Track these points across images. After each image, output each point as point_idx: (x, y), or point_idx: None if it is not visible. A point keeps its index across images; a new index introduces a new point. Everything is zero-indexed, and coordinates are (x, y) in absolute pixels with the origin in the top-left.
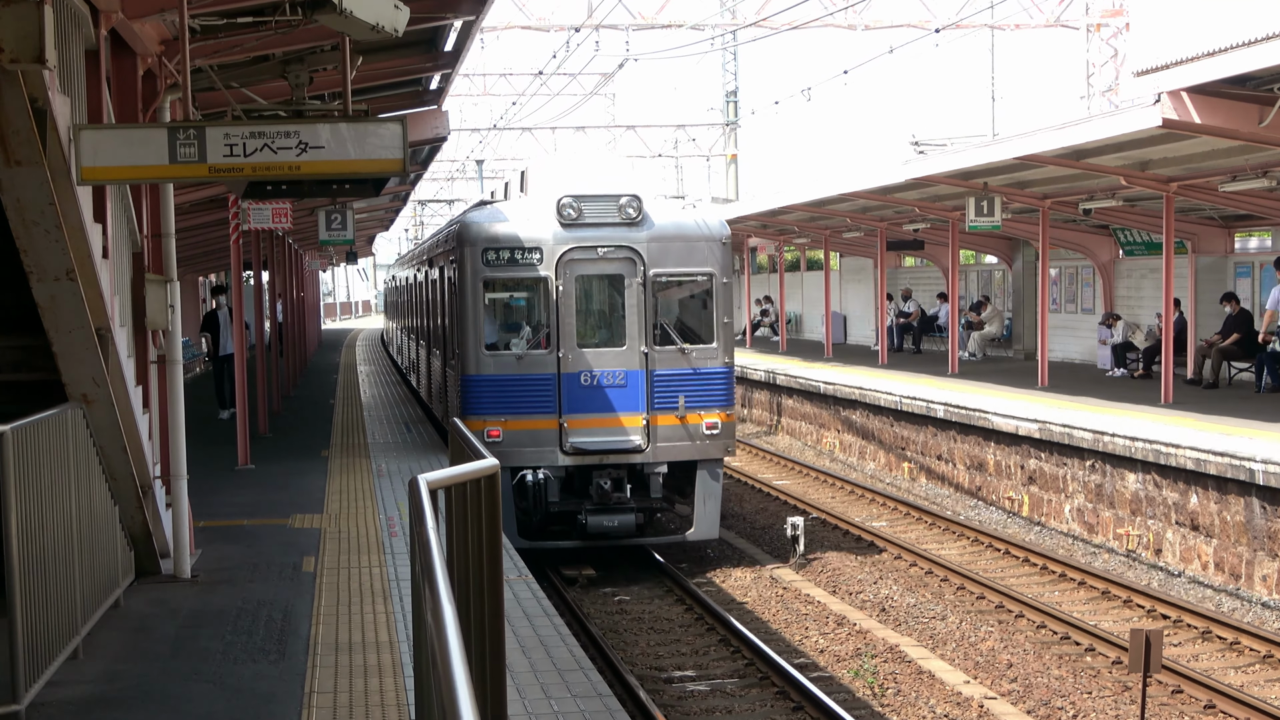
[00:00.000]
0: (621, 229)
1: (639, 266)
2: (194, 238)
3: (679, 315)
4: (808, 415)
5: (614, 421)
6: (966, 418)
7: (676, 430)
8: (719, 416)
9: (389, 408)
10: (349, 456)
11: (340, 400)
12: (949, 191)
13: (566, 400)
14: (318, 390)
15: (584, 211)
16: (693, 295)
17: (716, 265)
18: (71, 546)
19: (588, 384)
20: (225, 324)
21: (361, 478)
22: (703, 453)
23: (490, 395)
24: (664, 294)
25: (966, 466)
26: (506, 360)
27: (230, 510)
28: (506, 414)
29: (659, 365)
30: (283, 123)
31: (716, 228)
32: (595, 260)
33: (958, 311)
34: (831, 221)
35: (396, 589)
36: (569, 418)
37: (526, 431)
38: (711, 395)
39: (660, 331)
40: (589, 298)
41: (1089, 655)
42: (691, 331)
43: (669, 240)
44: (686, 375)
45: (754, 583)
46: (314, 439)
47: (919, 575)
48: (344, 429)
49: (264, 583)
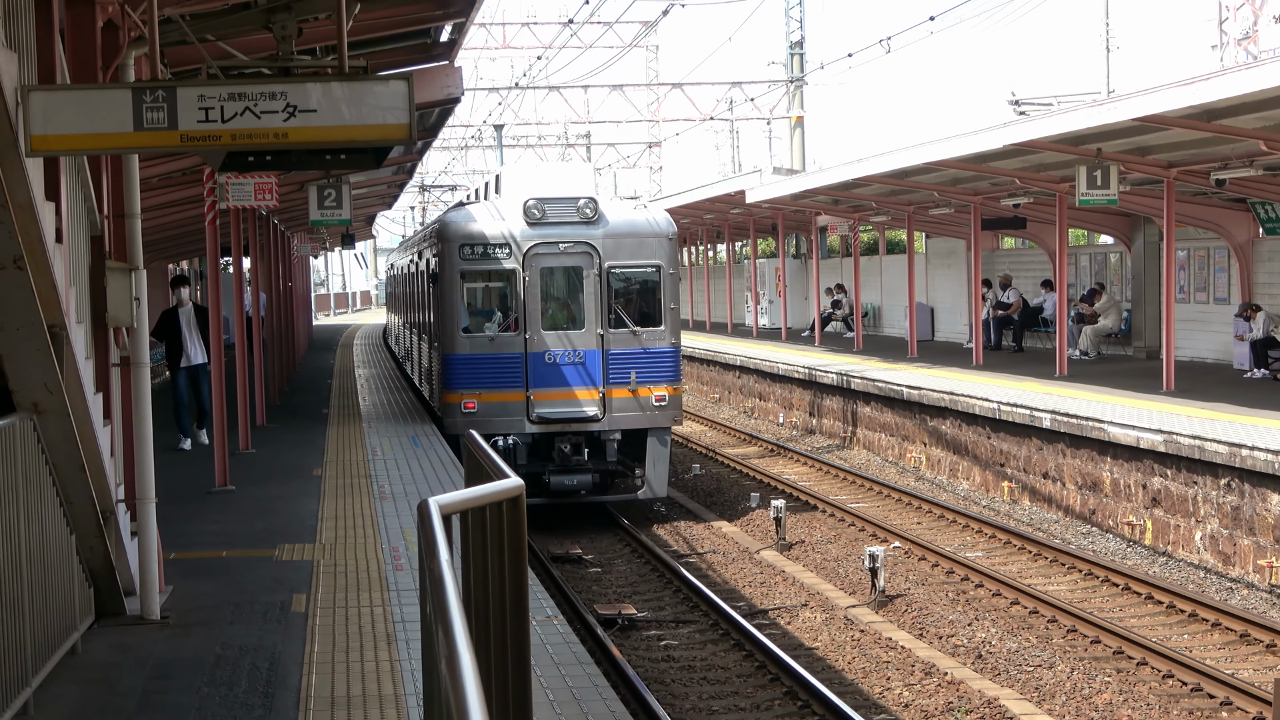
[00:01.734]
0: (580, 227)
1: (595, 259)
2: (163, 218)
3: (631, 302)
4: (888, 426)
5: (574, 394)
6: (1078, 428)
7: (629, 402)
8: (667, 390)
9: (393, 418)
10: (346, 476)
11: (335, 409)
12: (1055, 159)
13: (533, 376)
14: (308, 398)
15: (547, 212)
16: (644, 284)
17: (664, 258)
18: (20, 583)
19: (551, 362)
20: (188, 325)
21: (361, 501)
22: (652, 421)
23: (467, 372)
24: (618, 283)
25: (1078, 486)
26: (481, 341)
27: (206, 540)
28: (481, 388)
29: (613, 345)
30: (267, 82)
31: (664, 225)
32: (557, 254)
33: (1066, 302)
34: (916, 196)
35: (403, 633)
36: (535, 391)
37: (498, 403)
38: (660, 371)
39: (614, 316)
40: (552, 287)
41: (1225, 710)
42: (643, 316)
43: (622, 237)
44: (638, 354)
45: (825, 625)
46: (304, 455)
47: (1022, 615)
48: (340, 443)
49: (246, 625)
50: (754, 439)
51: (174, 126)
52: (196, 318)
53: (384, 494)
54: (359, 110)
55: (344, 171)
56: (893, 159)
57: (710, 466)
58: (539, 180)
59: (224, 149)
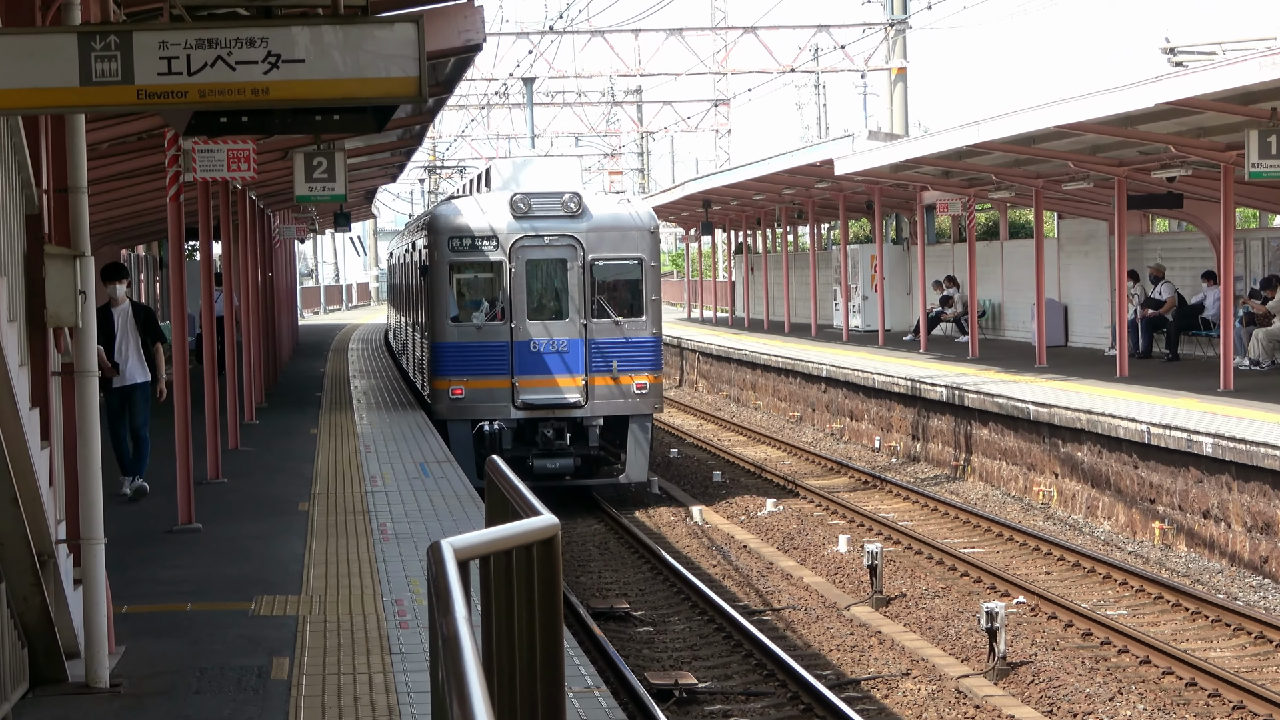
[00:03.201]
0: (565, 220)
1: (579, 252)
2: (116, 193)
3: (614, 293)
4: (1010, 452)
5: (557, 382)
6: (1248, 456)
7: (611, 389)
8: (647, 378)
9: (396, 440)
10: (339, 511)
11: (325, 429)
12: (1220, 122)
13: (518, 364)
14: (292, 415)
15: (533, 206)
16: (626, 276)
17: (646, 251)
18: None
19: (536, 350)
20: (124, 331)
21: (357, 542)
22: (634, 409)
23: (455, 359)
24: (601, 275)
25: (1247, 528)
26: (468, 330)
27: (167, 590)
28: (468, 375)
29: (596, 335)
30: (243, 25)
31: (646, 219)
32: (543, 246)
33: (1233, 299)
34: (1046, 167)
35: (408, 705)
36: (520, 378)
37: (484, 390)
38: (641, 360)
39: (597, 306)
40: (537, 278)
41: None
42: (625, 306)
43: (605, 230)
44: (619, 343)
45: (931, 699)
46: (287, 486)
47: (1175, 688)
48: (331, 471)
49: (215, 695)
50: (844, 467)
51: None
52: (136, 321)
53: (385, 534)
54: (357, 60)
55: (338, 136)
56: (1017, 121)
57: (790, 501)
58: (527, 174)
59: (190, 108)
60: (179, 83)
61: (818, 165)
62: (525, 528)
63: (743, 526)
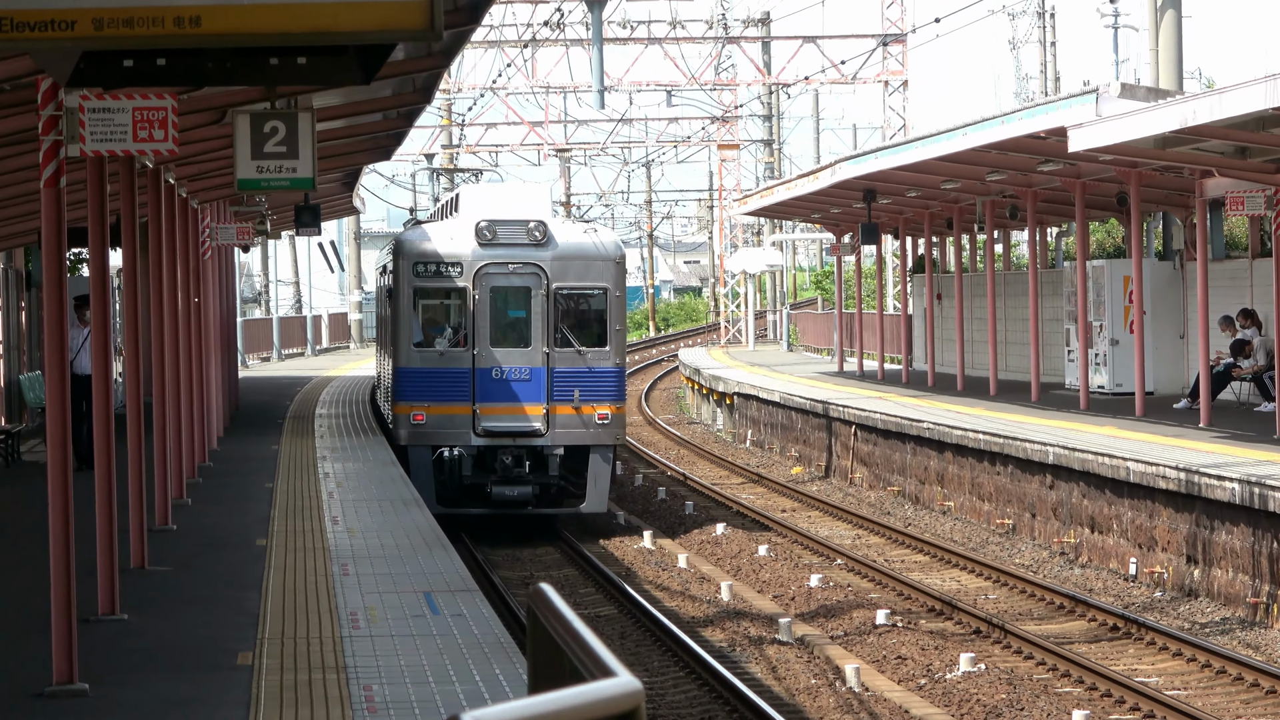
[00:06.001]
0: (529, 249)
1: (543, 280)
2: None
3: (577, 322)
4: None
5: (519, 409)
6: None
7: (573, 419)
8: (610, 409)
9: (390, 558)
10: (299, 668)
11: (280, 542)
12: None
13: (480, 390)
14: (226, 517)
15: (498, 233)
16: (590, 306)
17: (611, 281)
18: None
19: (498, 377)
20: None
21: (329, 711)
22: (595, 439)
23: (417, 384)
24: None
25: None
26: (431, 355)
27: None
28: (430, 400)
29: (558, 364)
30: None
31: (612, 249)
32: (507, 274)
33: None
34: None
35: None
36: (481, 405)
37: (446, 415)
38: (604, 390)
39: (560, 335)
40: (501, 306)
41: None
42: (588, 336)
43: (570, 259)
44: (582, 373)
45: None
46: (220, 625)
47: None
48: (289, 604)
49: None
50: (1081, 605)
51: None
52: None
53: (371, 703)
54: None
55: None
56: None
57: (996, 656)
58: (493, 201)
59: (78, 45)
60: (59, 7)
61: (1042, 137)
62: (592, 695)
63: (922, 695)
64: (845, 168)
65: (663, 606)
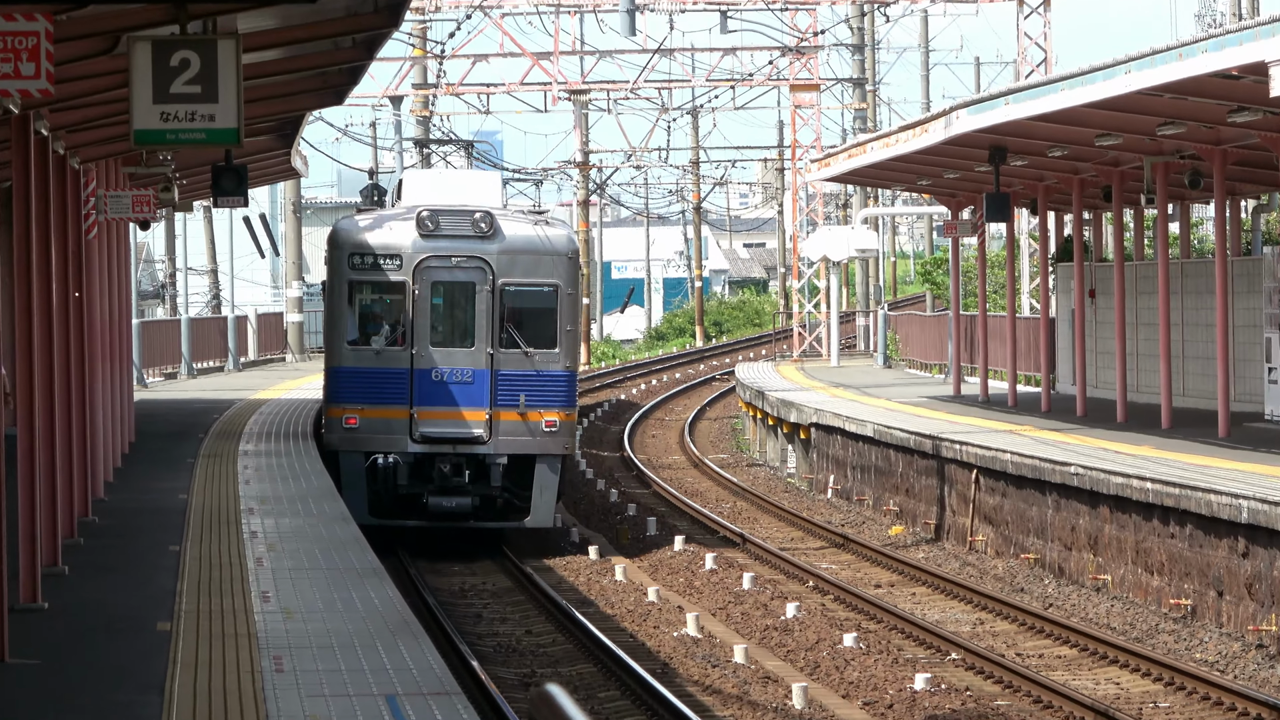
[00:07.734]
0: (474, 241)
1: (489, 276)
2: None
3: (525, 322)
4: None
5: (459, 414)
6: None
7: (518, 425)
8: (558, 416)
9: (342, 646)
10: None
11: (191, 618)
12: None
13: (418, 393)
14: (118, 593)
15: (441, 224)
16: (539, 304)
17: (562, 278)
18: None
19: (438, 379)
20: None
21: None
22: (542, 447)
23: (351, 385)
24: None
25: None
26: (366, 354)
27: None
28: (364, 403)
29: (503, 366)
30: None
31: (564, 244)
32: (449, 268)
33: None
34: None
35: None
36: (419, 409)
37: (381, 419)
38: (552, 396)
39: (506, 335)
40: (442, 302)
41: None
42: (537, 337)
43: (518, 253)
44: (529, 376)
45: None
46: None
47: None
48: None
49: None
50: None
51: None
52: None
53: None
54: None
55: (223, 7)
56: None
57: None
58: (439, 188)
59: None
60: None
61: (1235, 76)
62: None
63: None
64: (964, 117)
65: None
